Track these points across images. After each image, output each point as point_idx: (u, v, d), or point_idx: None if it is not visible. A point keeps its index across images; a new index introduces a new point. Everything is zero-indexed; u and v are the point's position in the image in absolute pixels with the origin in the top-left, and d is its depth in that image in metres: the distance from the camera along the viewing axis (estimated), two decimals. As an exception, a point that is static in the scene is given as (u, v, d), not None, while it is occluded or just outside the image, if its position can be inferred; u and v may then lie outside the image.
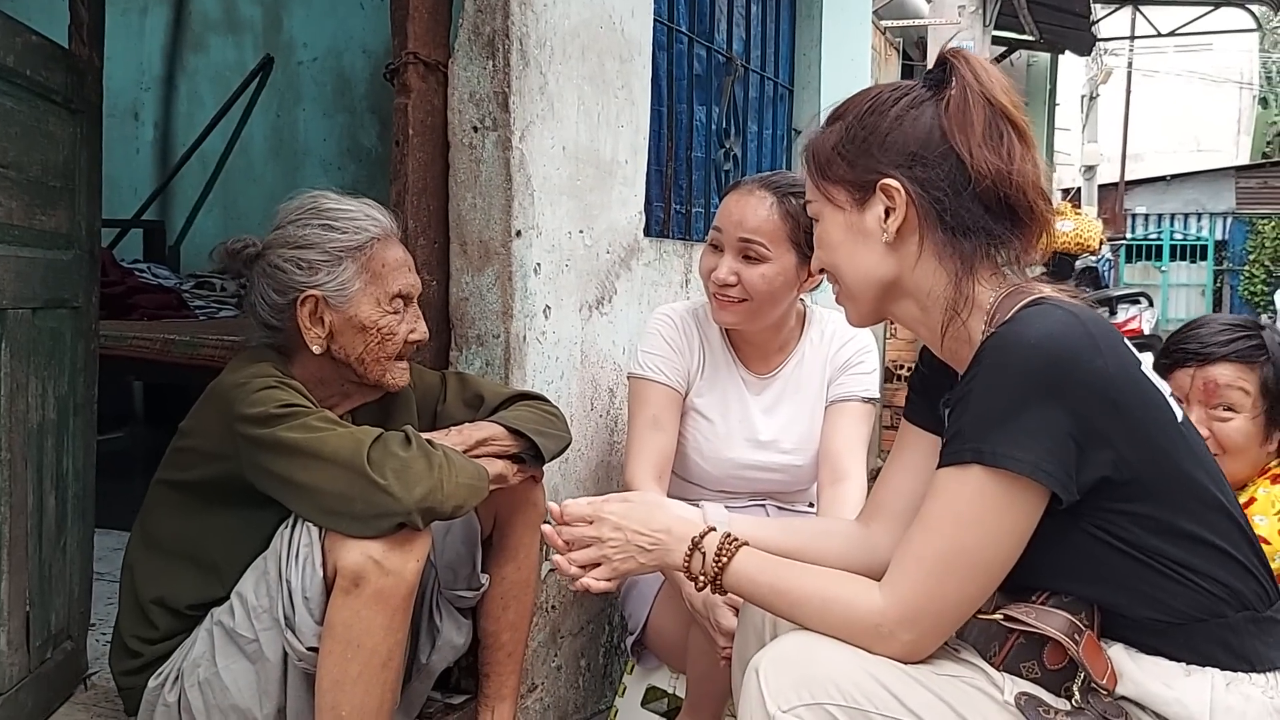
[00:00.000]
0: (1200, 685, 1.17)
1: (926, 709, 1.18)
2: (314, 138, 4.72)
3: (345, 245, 1.66)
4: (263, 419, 1.52)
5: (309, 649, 1.52)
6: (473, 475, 1.56)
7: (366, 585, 1.47)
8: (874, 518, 1.48)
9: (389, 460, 1.48)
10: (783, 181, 2.02)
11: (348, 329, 1.66)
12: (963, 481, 1.17)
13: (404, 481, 1.47)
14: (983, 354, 1.19)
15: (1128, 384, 1.17)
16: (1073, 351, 1.14)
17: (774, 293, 2.01)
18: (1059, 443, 1.13)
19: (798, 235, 1.97)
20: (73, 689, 1.96)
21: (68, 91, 1.83)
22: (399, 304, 1.69)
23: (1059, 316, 1.17)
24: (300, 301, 1.65)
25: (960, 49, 1.33)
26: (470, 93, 2.06)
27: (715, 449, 2.12)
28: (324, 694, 1.50)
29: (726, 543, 1.34)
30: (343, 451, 1.48)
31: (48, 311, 1.80)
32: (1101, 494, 1.17)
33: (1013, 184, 1.24)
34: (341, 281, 1.65)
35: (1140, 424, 1.17)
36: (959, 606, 1.20)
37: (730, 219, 2.01)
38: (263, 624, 1.54)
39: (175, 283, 4.28)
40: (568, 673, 2.33)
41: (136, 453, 3.68)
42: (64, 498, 1.87)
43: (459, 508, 1.54)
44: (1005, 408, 1.14)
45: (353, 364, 1.69)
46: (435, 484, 1.49)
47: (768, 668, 1.22)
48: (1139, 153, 21.77)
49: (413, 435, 1.54)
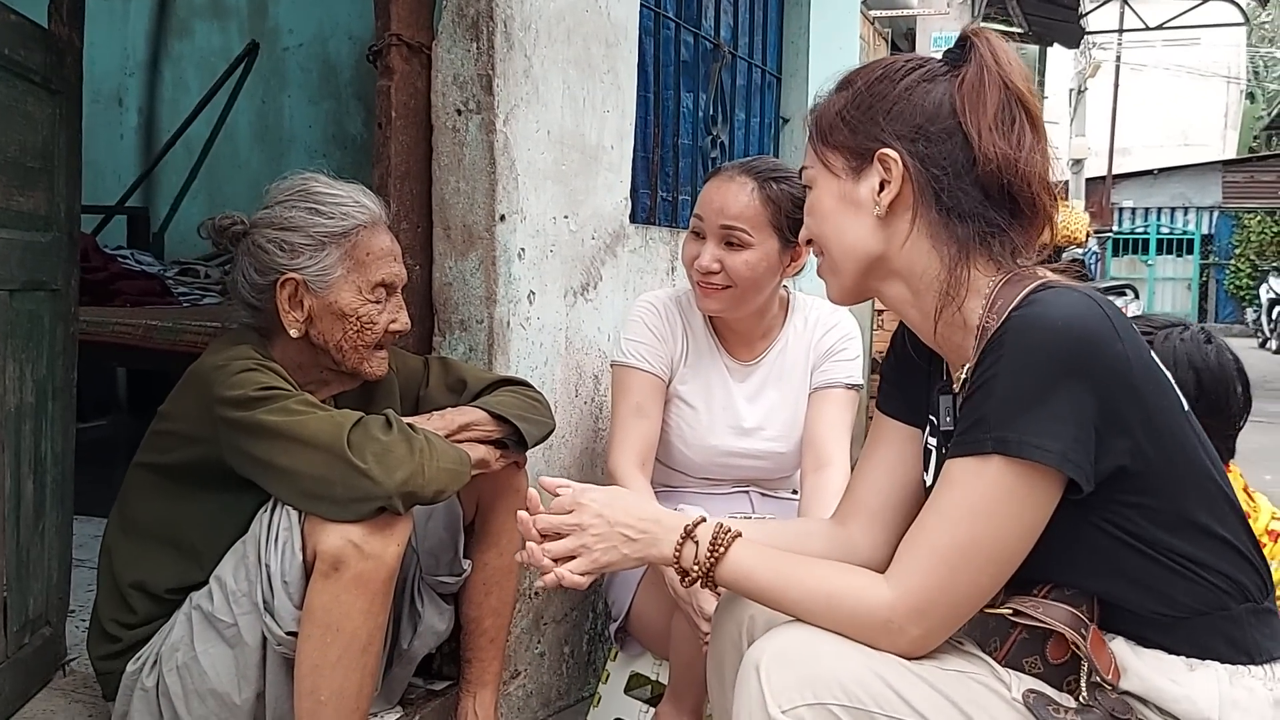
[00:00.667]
0: (1207, 680, 1.15)
1: (932, 708, 1.13)
2: (299, 124, 4.69)
3: (330, 231, 1.64)
4: (242, 402, 1.50)
5: (288, 633, 1.51)
6: (454, 460, 1.55)
7: (346, 569, 1.46)
8: (851, 517, 1.42)
9: (370, 444, 1.47)
10: (763, 167, 2.01)
11: (327, 315, 1.65)
12: (981, 472, 1.13)
13: (385, 465, 1.46)
14: (1004, 338, 1.13)
15: (1144, 370, 1.14)
16: (1097, 334, 1.10)
17: (757, 279, 2.00)
18: (1084, 430, 1.10)
19: (779, 220, 1.97)
20: (51, 674, 1.94)
21: (46, 71, 1.81)
22: (381, 293, 1.68)
23: (1078, 299, 1.13)
24: (280, 283, 1.63)
25: (983, 28, 1.29)
26: (454, 75, 2.05)
27: (699, 436, 2.12)
28: (303, 678, 1.50)
29: (721, 533, 1.27)
30: (323, 435, 1.47)
31: (26, 294, 1.78)
32: (1115, 485, 1.13)
33: (1018, 172, 1.20)
34: (323, 267, 1.64)
35: (1156, 412, 1.14)
36: (970, 599, 1.16)
37: (711, 206, 2.00)
38: (241, 608, 1.53)
39: (159, 269, 4.25)
40: (551, 659, 2.32)
41: (119, 440, 3.65)
42: (42, 482, 1.85)
43: (440, 492, 1.53)
44: (1032, 394, 1.10)
45: (331, 350, 1.67)
46: (416, 468, 1.48)
47: (769, 665, 1.16)
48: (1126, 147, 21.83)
49: (394, 419, 1.53)
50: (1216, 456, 1.22)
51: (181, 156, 4.84)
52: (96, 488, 2.24)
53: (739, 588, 1.28)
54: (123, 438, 3.66)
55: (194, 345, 3.03)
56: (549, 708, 2.33)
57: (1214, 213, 19.52)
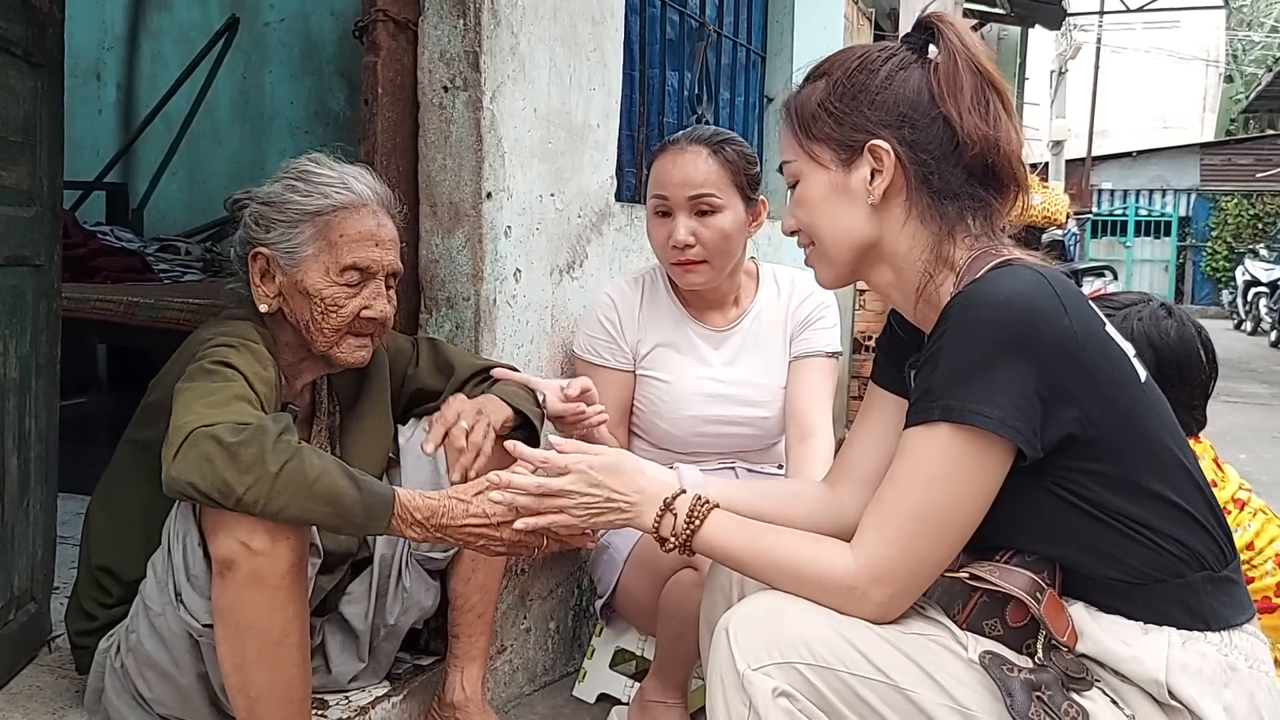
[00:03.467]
0: (1157, 644, 1.19)
1: (895, 667, 1.19)
2: (281, 101, 4.65)
3: (304, 209, 1.63)
4: (192, 372, 1.47)
5: (205, 625, 1.45)
6: (304, 509, 1.37)
7: (239, 569, 1.38)
8: (840, 481, 1.49)
9: (223, 450, 1.34)
10: (707, 133, 2.07)
11: (294, 293, 1.63)
12: (930, 440, 1.18)
13: (205, 472, 1.33)
14: (950, 313, 1.19)
15: (1092, 343, 1.18)
16: (1040, 310, 1.15)
17: (731, 244, 2.05)
18: (1026, 399, 1.14)
19: (740, 180, 2.04)
20: (36, 651, 1.94)
21: (28, 44, 1.79)
22: (353, 276, 1.63)
23: (1027, 276, 1.18)
24: (252, 257, 1.64)
25: (942, 13, 1.32)
26: (441, 52, 2.04)
27: (673, 409, 2.13)
28: (228, 677, 1.45)
29: (698, 505, 1.34)
30: (188, 414, 1.38)
31: (9, 269, 1.76)
32: (1066, 452, 1.18)
33: (1000, 150, 1.25)
34: (294, 245, 1.62)
35: (1104, 383, 1.18)
36: (930, 565, 1.21)
37: (672, 181, 2.03)
38: (166, 597, 1.49)
39: (139, 246, 4.22)
40: (537, 635, 2.34)
41: (99, 418, 3.63)
42: (26, 459, 1.84)
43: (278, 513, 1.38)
44: (973, 365, 1.15)
45: (301, 330, 1.65)
46: (248, 491, 1.34)
47: (737, 627, 1.22)
48: (1106, 129, 21.94)
49: (291, 454, 1.37)
50: (1177, 427, 1.27)
51: (161, 132, 4.80)
52: (77, 465, 2.22)
53: (715, 556, 1.35)
54: (103, 415, 3.63)
55: (175, 322, 3.02)
56: (535, 682, 2.35)
57: (1191, 195, 19.64)
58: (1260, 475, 5.22)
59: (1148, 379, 1.26)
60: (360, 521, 1.41)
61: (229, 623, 1.42)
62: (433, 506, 1.45)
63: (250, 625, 1.41)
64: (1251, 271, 14.70)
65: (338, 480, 1.38)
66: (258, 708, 1.45)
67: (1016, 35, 11.68)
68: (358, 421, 1.82)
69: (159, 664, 1.54)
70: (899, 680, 1.19)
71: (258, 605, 1.40)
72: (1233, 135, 22.94)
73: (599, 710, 2.24)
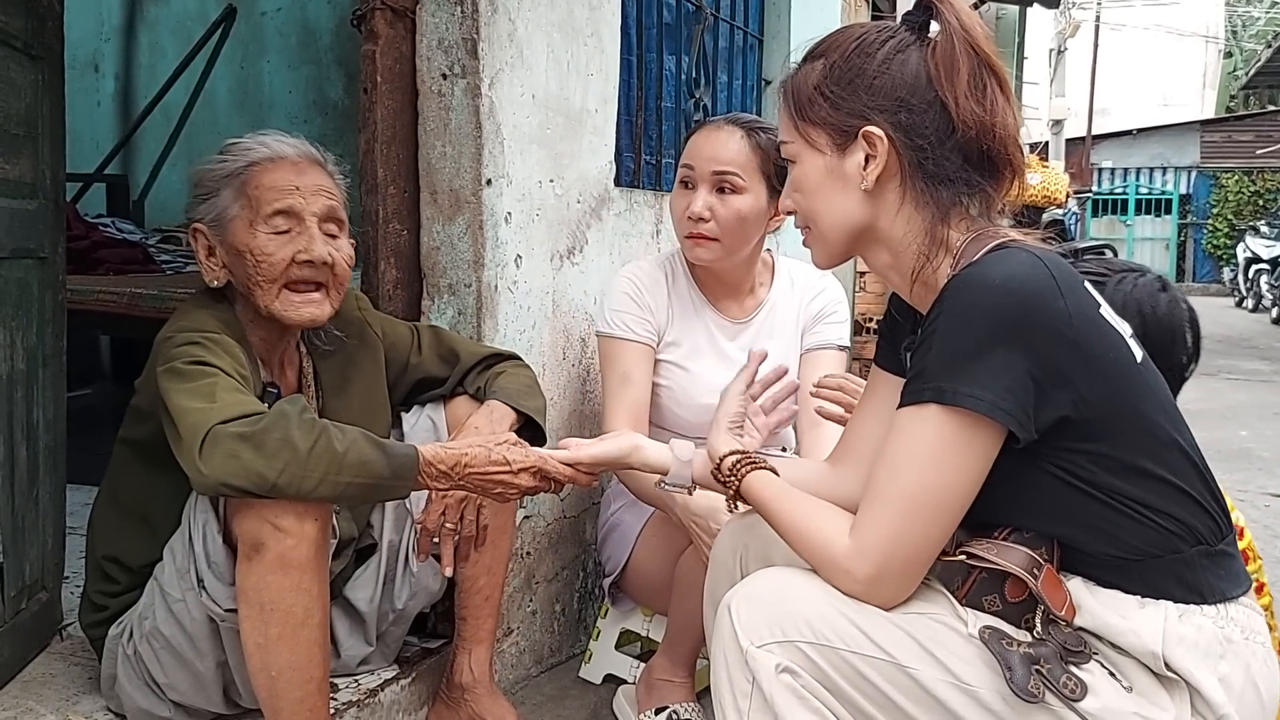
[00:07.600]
0: (1154, 617, 1.21)
1: (895, 645, 1.20)
2: (279, 90, 4.65)
3: (223, 173, 1.63)
4: (166, 373, 1.49)
5: (228, 610, 1.49)
6: (321, 478, 1.40)
7: (267, 551, 1.42)
8: (842, 459, 1.51)
9: (221, 445, 1.38)
10: (748, 119, 2.08)
11: (231, 257, 1.62)
12: (921, 421, 1.19)
13: (213, 463, 1.37)
14: (945, 295, 1.20)
15: (1087, 325, 1.19)
16: (1035, 292, 1.16)
17: (746, 229, 2.05)
18: (1018, 382, 1.15)
19: (768, 168, 2.03)
20: (49, 639, 1.96)
21: (28, 37, 1.79)
22: (279, 223, 1.60)
23: (1022, 259, 1.19)
24: (192, 234, 1.65)
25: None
26: (439, 39, 2.05)
27: (689, 395, 2.15)
28: (251, 657, 1.48)
29: (744, 459, 1.41)
30: (188, 418, 1.41)
31: (14, 262, 1.78)
32: (1061, 433, 1.19)
33: (995, 135, 1.25)
34: (219, 211, 1.62)
35: (1099, 364, 1.19)
36: (924, 549, 1.21)
37: (701, 154, 2.04)
38: (186, 584, 1.52)
39: (140, 237, 4.22)
40: (543, 617, 2.36)
41: (104, 409, 3.64)
42: (35, 449, 1.86)
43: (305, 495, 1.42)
44: (967, 347, 1.16)
45: (248, 296, 1.64)
46: (261, 474, 1.37)
47: (740, 605, 1.24)
48: (1106, 107, 21.87)
49: (298, 427, 1.40)
50: (1173, 405, 1.28)
51: (160, 123, 4.79)
52: (82, 456, 2.24)
53: (754, 500, 1.38)
54: (108, 406, 3.64)
55: (180, 313, 3.02)
56: (541, 664, 2.37)
57: (1192, 172, 19.59)
58: (1262, 451, 5.24)
59: (1144, 359, 1.27)
60: (389, 484, 1.45)
61: (254, 604, 1.45)
62: (456, 456, 1.49)
63: (275, 606, 1.44)
64: (1252, 248, 14.68)
65: (365, 448, 1.42)
66: (278, 686, 1.48)
67: (1015, 14, 11.63)
68: (344, 405, 1.81)
69: (179, 650, 1.56)
70: (900, 658, 1.20)
71: (283, 587, 1.44)
72: (1233, 112, 22.87)
73: (605, 691, 2.26)
